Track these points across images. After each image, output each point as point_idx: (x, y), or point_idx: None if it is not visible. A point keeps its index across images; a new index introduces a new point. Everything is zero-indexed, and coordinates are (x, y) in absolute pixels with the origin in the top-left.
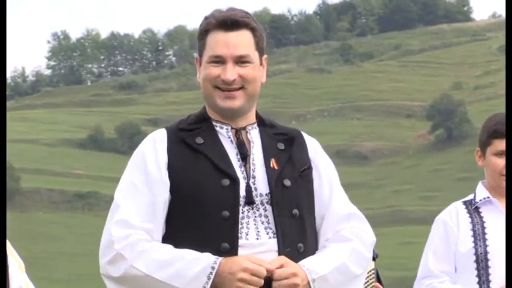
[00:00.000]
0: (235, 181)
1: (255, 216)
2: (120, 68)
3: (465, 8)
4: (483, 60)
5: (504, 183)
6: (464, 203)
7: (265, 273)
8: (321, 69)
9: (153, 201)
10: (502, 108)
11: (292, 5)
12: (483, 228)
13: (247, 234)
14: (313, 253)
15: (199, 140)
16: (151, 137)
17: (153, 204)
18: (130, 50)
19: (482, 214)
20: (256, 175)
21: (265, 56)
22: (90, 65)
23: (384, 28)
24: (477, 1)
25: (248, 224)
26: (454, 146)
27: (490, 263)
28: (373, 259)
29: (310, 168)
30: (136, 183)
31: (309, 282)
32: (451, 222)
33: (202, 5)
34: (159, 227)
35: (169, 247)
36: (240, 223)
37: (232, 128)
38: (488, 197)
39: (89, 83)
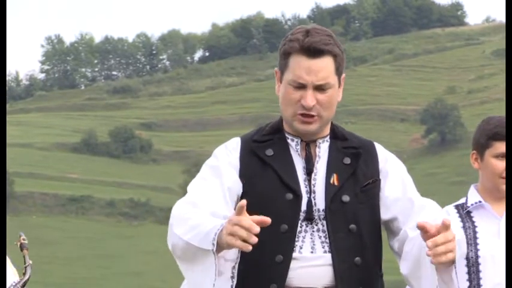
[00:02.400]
0: (298, 196)
1: (313, 231)
2: (114, 72)
3: (459, 13)
4: (477, 64)
5: (503, 186)
6: (456, 207)
7: (238, 219)
8: None
9: (224, 195)
10: (495, 112)
11: (286, 10)
12: (474, 232)
13: (301, 248)
14: (373, 266)
15: (270, 152)
16: (224, 145)
17: (224, 195)
18: (124, 54)
19: (474, 219)
20: (316, 190)
21: (343, 76)
22: (84, 69)
23: (378, 32)
24: (471, 5)
25: (304, 238)
26: (447, 150)
27: (481, 268)
28: None
29: (376, 181)
30: (206, 178)
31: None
32: None
33: (196, 9)
34: (226, 214)
35: (207, 215)
36: (297, 237)
37: (302, 140)
38: (480, 202)
39: (83, 87)
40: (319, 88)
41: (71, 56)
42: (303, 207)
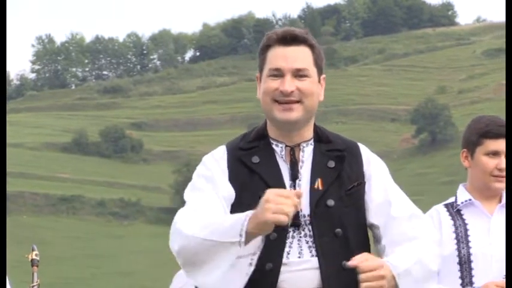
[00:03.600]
0: None
1: (300, 237)
2: (105, 72)
3: (450, 12)
4: (467, 64)
5: (494, 184)
6: (446, 205)
7: (289, 192)
8: None
9: (220, 200)
10: (486, 112)
11: (277, 9)
12: (466, 230)
13: (288, 254)
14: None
15: (256, 159)
16: (211, 154)
17: (220, 202)
18: (114, 53)
19: (464, 217)
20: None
21: (323, 76)
22: (74, 69)
23: (369, 32)
24: (462, 5)
25: (292, 244)
26: (438, 149)
27: (473, 265)
28: None
29: (361, 183)
30: (201, 188)
31: (393, 277)
32: (433, 225)
33: (187, 9)
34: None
35: (216, 214)
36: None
37: (286, 146)
38: (470, 199)
39: (73, 87)
40: (298, 75)
41: (62, 55)
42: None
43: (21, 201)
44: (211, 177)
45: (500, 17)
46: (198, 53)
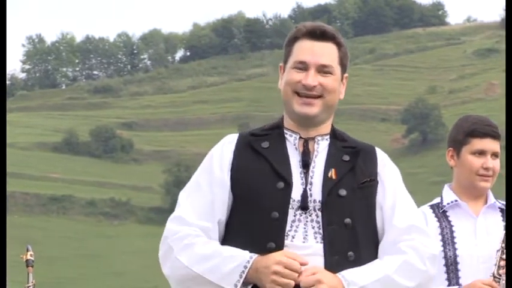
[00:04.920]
0: (289, 185)
1: (307, 221)
2: (95, 72)
3: (440, 12)
4: (458, 64)
5: (480, 183)
6: (432, 207)
7: (299, 266)
8: None
9: (212, 201)
10: (476, 112)
11: (267, 9)
12: (451, 232)
13: (293, 237)
14: (367, 263)
15: (265, 144)
16: (222, 140)
17: (212, 204)
18: (105, 53)
19: (450, 218)
20: (313, 182)
21: (346, 75)
22: (65, 69)
23: (359, 32)
24: (452, 5)
25: (297, 227)
26: (428, 149)
27: (459, 266)
28: None
29: (373, 181)
30: (200, 183)
31: None
32: None
33: (177, 9)
34: (216, 226)
35: (214, 243)
36: (290, 225)
37: (301, 137)
38: (456, 200)
39: (64, 87)
40: (322, 71)
41: (52, 55)
42: (297, 196)
43: (12, 201)
44: (213, 173)
45: (491, 17)
46: (188, 53)
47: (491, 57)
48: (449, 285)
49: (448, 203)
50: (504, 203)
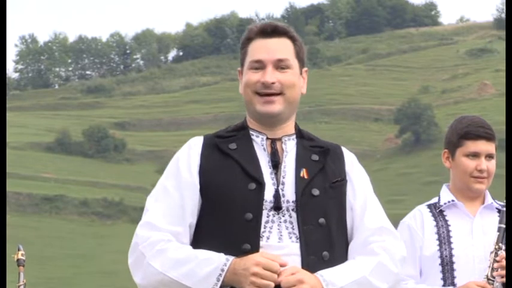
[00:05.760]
0: (261, 185)
1: (280, 222)
2: (88, 72)
3: (433, 12)
4: (451, 64)
5: (474, 185)
6: (429, 206)
7: (278, 267)
8: None
9: (182, 205)
10: (469, 112)
11: (260, 9)
12: (448, 231)
13: (268, 238)
14: (341, 263)
15: (233, 145)
16: (187, 142)
17: (182, 208)
18: (98, 53)
19: (447, 217)
20: (285, 182)
21: (305, 69)
22: (57, 69)
23: (352, 32)
24: (445, 5)
25: (271, 228)
26: (421, 149)
27: (455, 266)
28: None
29: (343, 180)
30: (167, 187)
31: None
32: (416, 226)
33: (170, 9)
34: (187, 230)
35: (187, 247)
36: (263, 226)
37: (268, 138)
38: (452, 200)
39: (57, 87)
40: (279, 67)
41: (45, 55)
42: (269, 197)
43: None
44: (181, 176)
45: (484, 17)
46: (181, 53)
47: (484, 57)
48: (444, 285)
49: (445, 203)
50: (501, 203)
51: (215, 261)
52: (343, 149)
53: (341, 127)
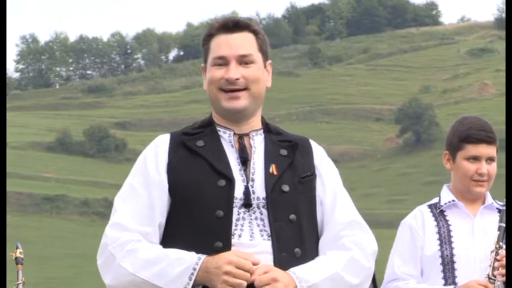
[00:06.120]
0: (231, 182)
1: (251, 219)
2: (89, 71)
3: (434, 12)
4: (452, 63)
5: (475, 188)
6: (429, 206)
7: (251, 266)
8: (289, 73)
9: (151, 205)
10: (470, 112)
11: (261, 9)
12: (449, 231)
13: (240, 236)
14: (312, 259)
15: (200, 143)
16: (154, 141)
17: (151, 208)
18: (98, 53)
19: (447, 217)
20: (255, 178)
21: (269, 61)
22: (58, 68)
23: (353, 32)
24: (446, 5)
25: (243, 226)
26: (422, 149)
27: (456, 266)
28: None
29: (313, 175)
30: (135, 187)
31: None
32: (417, 226)
33: (171, 8)
34: (156, 230)
35: (157, 247)
36: (234, 224)
37: (235, 133)
38: (453, 200)
39: (58, 86)
40: (243, 62)
41: (46, 55)
42: (239, 194)
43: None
44: (149, 175)
45: (484, 16)
46: (182, 53)
47: (485, 57)
48: (445, 284)
49: (445, 203)
50: (502, 203)
51: (187, 261)
52: (312, 142)
53: (342, 127)
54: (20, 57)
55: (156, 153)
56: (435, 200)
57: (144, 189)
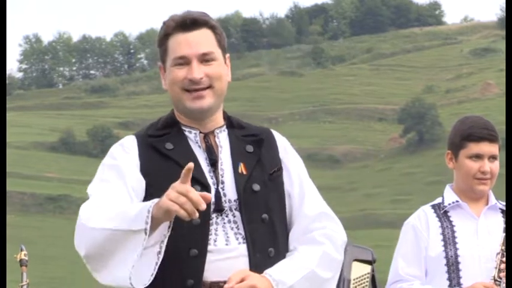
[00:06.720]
0: (206, 187)
1: (224, 223)
2: (92, 71)
3: (437, 12)
4: (455, 63)
5: (478, 186)
6: (433, 206)
7: (186, 188)
8: (292, 73)
9: (127, 191)
10: (473, 112)
11: (264, 9)
12: (453, 232)
13: (215, 241)
14: (284, 256)
15: (169, 145)
16: (119, 143)
17: (128, 193)
18: (102, 53)
19: (451, 218)
20: (225, 181)
21: (227, 55)
22: (61, 68)
23: (356, 31)
24: (449, 5)
25: (217, 231)
26: (425, 149)
27: (460, 266)
28: (371, 263)
29: (280, 169)
30: (108, 179)
31: None
32: (421, 226)
33: (174, 8)
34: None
35: (118, 203)
36: (209, 230)
37: (200, 132)
38: (457, 201)
39: (61, 86)
40: (204, 60)
41: (49, 55)
42: (212, 198)
43: (8, 200)
44: (118, 166)
45: (488, 16)
46: None
47: (488, 56)
48: (450, 285)
49: (449, 204)
50: (505, 204)
51: (144, 203)
52: (275, 134)
53: (345, 127)
54: (23, 57)
55: (127, 153)
56: (438, 201)
57: (118, 180)
